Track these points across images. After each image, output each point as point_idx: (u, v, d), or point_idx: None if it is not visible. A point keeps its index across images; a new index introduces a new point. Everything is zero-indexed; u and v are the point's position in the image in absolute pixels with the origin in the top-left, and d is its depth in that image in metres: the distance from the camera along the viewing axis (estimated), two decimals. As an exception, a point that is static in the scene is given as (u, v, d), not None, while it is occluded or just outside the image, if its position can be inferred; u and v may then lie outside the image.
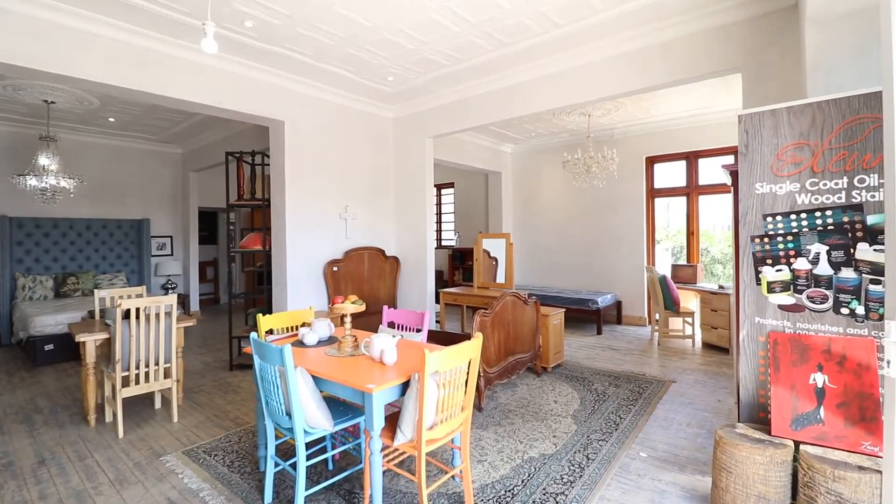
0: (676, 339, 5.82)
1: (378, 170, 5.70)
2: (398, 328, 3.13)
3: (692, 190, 6.55)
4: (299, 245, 4.71)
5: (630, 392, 3.95)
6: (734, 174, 2.52)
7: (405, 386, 2.15)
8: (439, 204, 9.84)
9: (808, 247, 2.24)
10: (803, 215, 2.23)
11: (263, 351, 2.20)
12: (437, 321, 5.78)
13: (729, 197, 6.65)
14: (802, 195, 2.24)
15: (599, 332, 6.29)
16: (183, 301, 7.72)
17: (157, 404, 3.83)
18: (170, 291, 7.69)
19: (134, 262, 7.60)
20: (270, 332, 3.13)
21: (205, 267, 9.71)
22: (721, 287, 5.39)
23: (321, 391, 2.28)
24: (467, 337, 2.94)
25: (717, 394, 3.95)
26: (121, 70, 3.58)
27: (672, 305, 5.63)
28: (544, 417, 3.40)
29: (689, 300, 6.28)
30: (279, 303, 4.68)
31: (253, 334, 2.33)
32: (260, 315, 2.95)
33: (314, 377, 2.23)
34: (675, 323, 6.16)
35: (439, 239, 9.85)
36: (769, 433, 2.22)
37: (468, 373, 2.23)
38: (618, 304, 6.96)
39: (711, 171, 6.44)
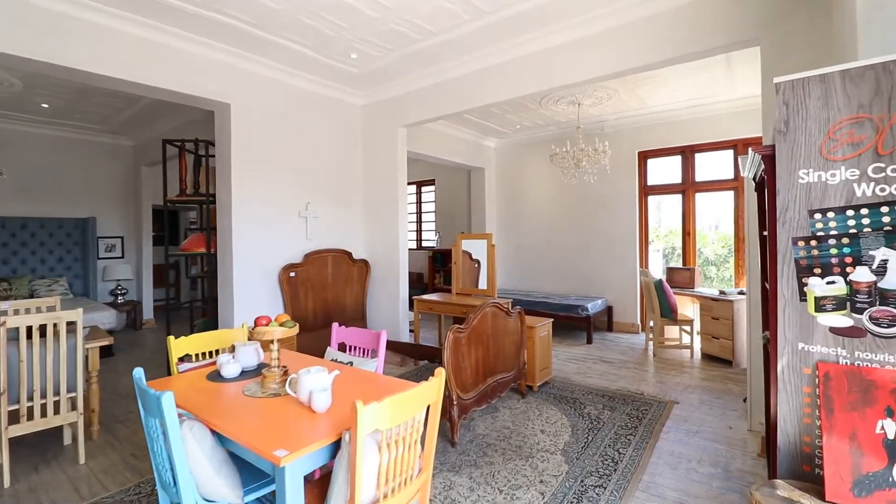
0: (673, 350, 5.33)
1: (345, 163, 5.09)
2: (351, 351, 2.54)
3: (688, 187, 6.08)
4: (249, 247, 4.08)
5: (628, 417, 3.42)
6: (768, 160, 1.99)
7: (339, 444, 1.57)
8: (419, 202, 9.26)
9: (871, 252, 1.71)
10: (864, 211, 1.71)
11: (143, 397, 1.60)
12: (410, 331, 5.20)
13: (726, 194, 6.25)
14: (863, 185, 1.72)
15: (590, 342, 5.78)
16: (134, 308, 6.99)
17: (67, 440, 3.17)
18: (119, 298, 6.96)
19: (78, 265, 6.86)
20: (186, 358, 2.51)
21: (164, 270, 8.97)
22: (722, 293, 4.91)
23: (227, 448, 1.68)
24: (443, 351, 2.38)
25: (727, 418, 3.44)
26: (15, 35, 2.92)
27: (669, 313, 5.14)
28: (529, 454, 2.85)
29: (686, 306, 5.80)
30: (225, 314, 4.05)
31: (138, 371, 1.72)
32: (171, 338, 2.33)
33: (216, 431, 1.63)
34: (671, 331, 5.68)
35: (419, 240, 9.26)
36: (821, 496, 1.69)
37: (427, 423, 1.66)
38: (608, 310, 6.46)
39: (709, 166, 5.98)
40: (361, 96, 5.16)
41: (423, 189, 9.15)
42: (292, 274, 4.28)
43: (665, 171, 6.33)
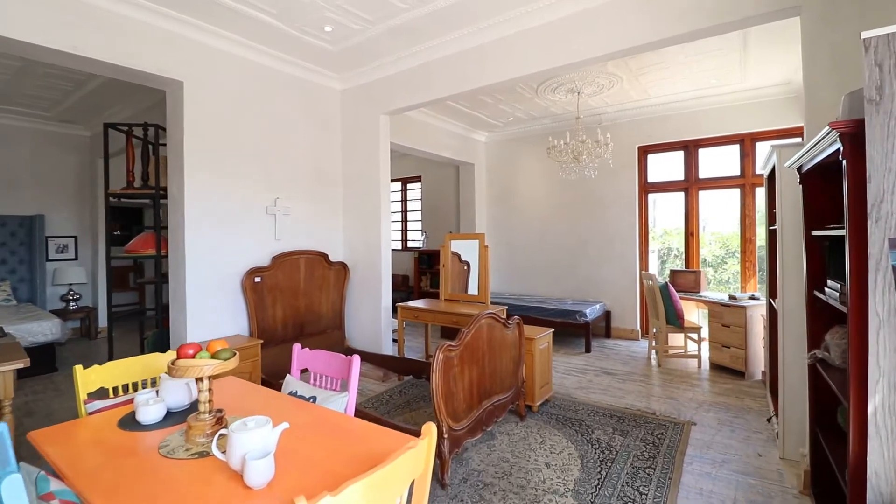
0: (678, 359, 4.94)
1: (322, 154, 4.56)
2: (315, 381, 2.03)
3: (691, 184, 5.70)
4: (206, 248, 3.53)
5: (643, 443, 2.98)
6: (849, 139, 1.56)
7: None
8: (404, 201, 8.75)
9: None
10: None
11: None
12: (394, 340, 4.70)
13: (727, 192, 5.87)
14: None
15: (588, 350, 5.36)
16: (88, 315, 6.33)
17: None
18: (72, 304, 6.30)
19: (24, 268, 6.17)
20: (100, 394, 1.96)
21: (126, 272, 8.28)
22: (732, 298, 4.53)
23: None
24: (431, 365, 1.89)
25: (753, 443, 3.03)
26: None
27: (675, 319, 4.74)
28: (535, 497, 2.38)
29: (691, 312, 5.42)
30: (177, 327, 3.49)
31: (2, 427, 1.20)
32: (79, 368, 1.80)
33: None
34: (675, 339, 5.29)
35: (404, 240, 8.75)
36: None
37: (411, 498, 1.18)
38: (606, 315, 6.06)
39: (712, 162, 5.61)
40: (340, 80, 4.64)
41: (409, 186, 8.64)
42: (257, 279, 3.74)
43: (666, 167, 5.95)
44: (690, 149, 5.68)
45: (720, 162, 5.58)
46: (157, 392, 1.71)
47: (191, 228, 3.42)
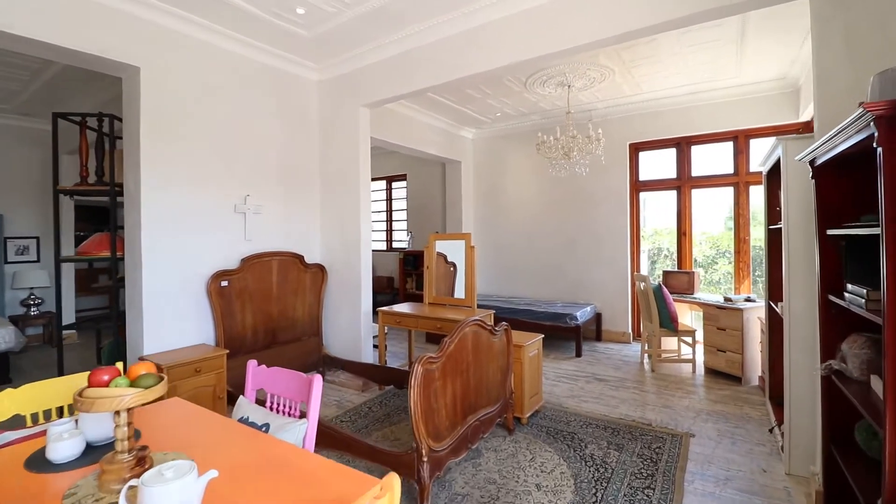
0: (672, 364, 4.76)
1: (298, 149, 4.28)
2: (272, 403, 1.76)
3: (684, 182, 5.54)
4: (166, 249, 3.23)
5: (639, 458, 2.77)
6: (885, 122, 1.35)
7: None
8: (389, 200, 8.48)
9: None
10: None
11: None
12: (374, 346, 4.43)
13: (718, 191, 5.72)
14: None
15: (579, 354, 5.15)
16: (51, 321, 5.94)
17: None
18: (33, 309, 5.91)
19: (-21, 270, 5.76)
20: (16, 422, 1.67)
21: (96, 275, 7.88)
22: (728, 300, 4.36)
23: None
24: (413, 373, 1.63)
25: (756, 456, 2.84)
26: None
27: (669, 323, 4.56)
28: (525, 525, 2.14)
29: (685, 314, 5.26)
30: (133, 337, 3.19)
31: None
32: (-17, 393, 1.51)
33: None
34: (668, 342, 5.11)
35: (389, 240, 8.49)
36: None
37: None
38: (597, 318, 5.87)
39: (705, 160, 5.45)
40: (317, 70, 4.36)
41: (394, 185, 8.37)
42: (224, 283, 3.45)
43: (658, 165, 5.78)
44: (683, 146, 5.51)
45: (713, 160, 5.43)
46: (76, 421, 1.44)
47: (148, 228, 3.12)
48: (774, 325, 3.34)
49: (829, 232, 1.98)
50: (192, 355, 3.05)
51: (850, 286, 1.82)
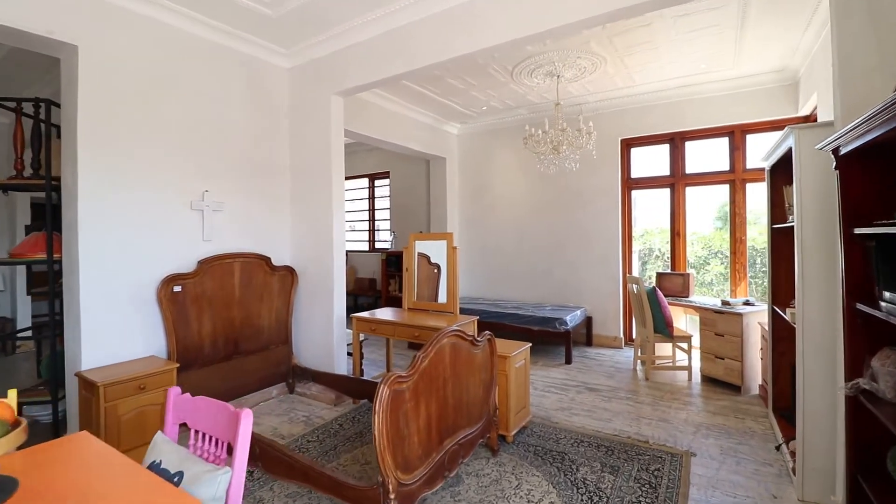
0: (666, 371, 4.50)
1: (265, 141, 3.94)
2: (195, 441, 1.44)
3: (678, 180, 5.30)
4: (108, 251, 2.87)
5: (637, 484, 2.49)
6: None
7: None
8: (372, 198, 8.15)
9: None
10: None
11: None
12: (348, 353, 4.11)
13: (710, 189, 5.48)
14: None
15: (569, 361, 4.88)
16: (4, 327, 5.51)
17: None
18: (-17, 314, 5.47)
19: (-78, 273, 5.31)
20: None
21: (48, 278, 7.39)
22: (726, 303, 4.12)
23: None
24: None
25: (763, 477, 2.58)
26: None
27: (664, 328, 4.30)
28: (508, 572, 1.84)
29: (679, 318, 5.02)
30: (72, 348, 2.83)
31: None
32: None
33: None
34: (662, 348, 4.85)
35: (372, 241, 8.15)
36: None
37: None
38: (587, 322, 5.60)
39: (699, 157, 5.22)
40: (288, 55, 4.02)
41: (377, 183, 8.04)
42: (177, 288, 3.09)
43: (651, 161, 5.54)
44: (677, 142, 5.27)
45: (708, 156, 5.20)
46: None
47: (86, 227, 2.76)
48: (778, 331, 3.10)
49: (857, 231, 1.72)
50: (135, 370, 2.69)
51: (887, 294, 1.55)
